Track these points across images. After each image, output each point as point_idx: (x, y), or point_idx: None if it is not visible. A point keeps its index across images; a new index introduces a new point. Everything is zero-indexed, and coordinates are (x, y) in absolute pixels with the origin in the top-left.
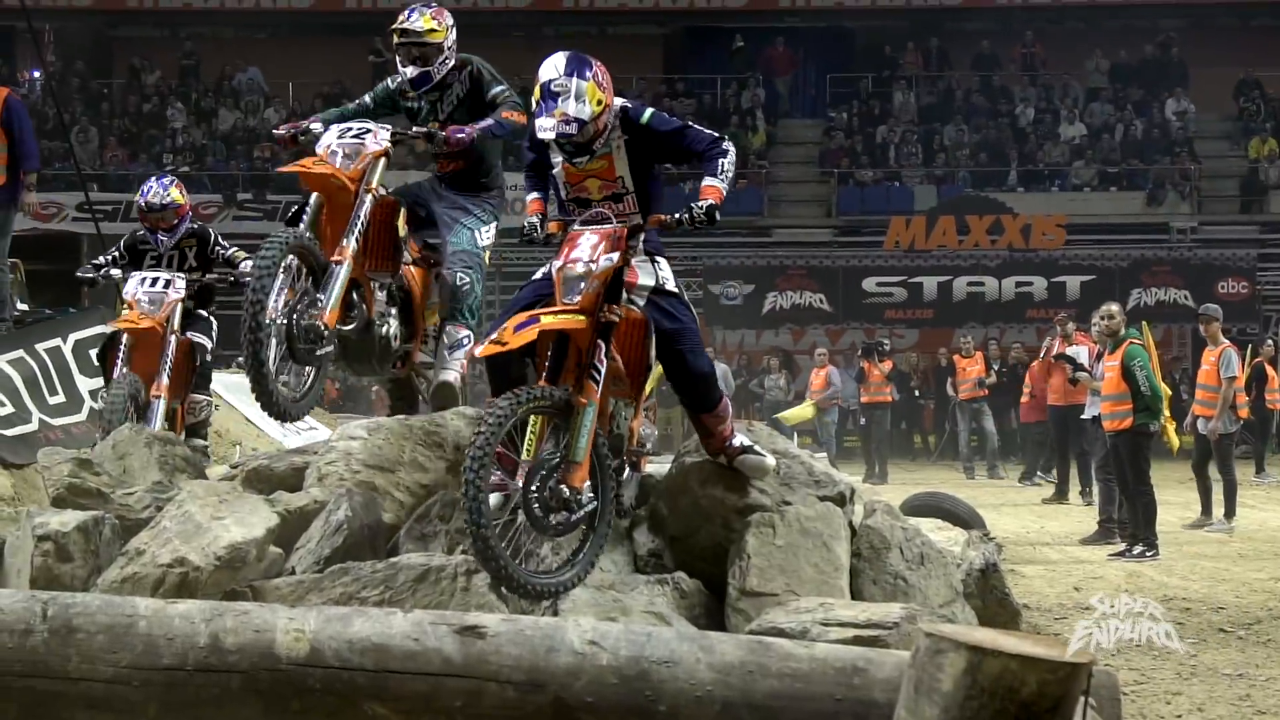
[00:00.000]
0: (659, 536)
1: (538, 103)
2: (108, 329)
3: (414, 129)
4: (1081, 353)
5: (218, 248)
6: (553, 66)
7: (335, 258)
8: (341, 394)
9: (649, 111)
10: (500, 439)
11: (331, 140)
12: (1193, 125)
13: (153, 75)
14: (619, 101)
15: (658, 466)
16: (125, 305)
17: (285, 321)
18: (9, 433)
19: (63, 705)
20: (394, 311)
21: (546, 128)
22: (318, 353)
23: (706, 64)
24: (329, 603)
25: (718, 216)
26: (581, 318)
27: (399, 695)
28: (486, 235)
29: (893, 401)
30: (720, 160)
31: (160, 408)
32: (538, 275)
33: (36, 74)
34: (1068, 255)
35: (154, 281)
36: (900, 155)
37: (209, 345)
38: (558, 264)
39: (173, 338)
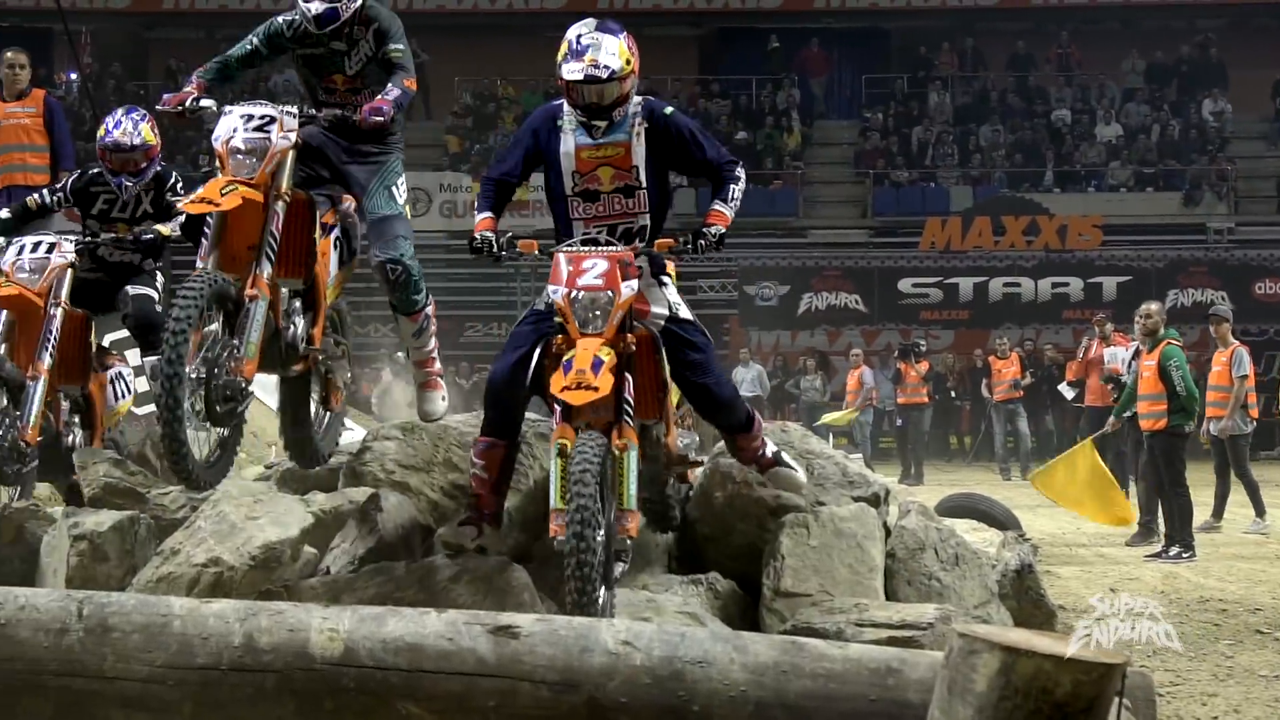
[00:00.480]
0: (693, 537)
1: (564, 58)
2: None
3: (325, 111)
4: (1119, 354)
5: (169, 194)
6: (582, 25)
7: (250, 291)
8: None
9: (670, 108)
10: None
11: (230, 133)
12: (1230, 125)
13: (189, 77)
14: (639, 97)
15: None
16: (3, 277)
17: (204, 379)
18: None
19: (98, 704)
20: (298, 307)
21: (574, 69)
22: (238, 410)
23: (741, 65)
24: (363, 603)
25: (724, 243)
26: (611, 356)
27: (433, 695)
28: (402, 186)
29: (930, 402)
30: (733, 186)
31: (38, 391)
32: (539, 306)
33: (73, 76)
34: (1104, 256)
35: (36, 246)
36: (936, 156)
37: (156, 296)
38: (562, 290)
39: (57, 311)
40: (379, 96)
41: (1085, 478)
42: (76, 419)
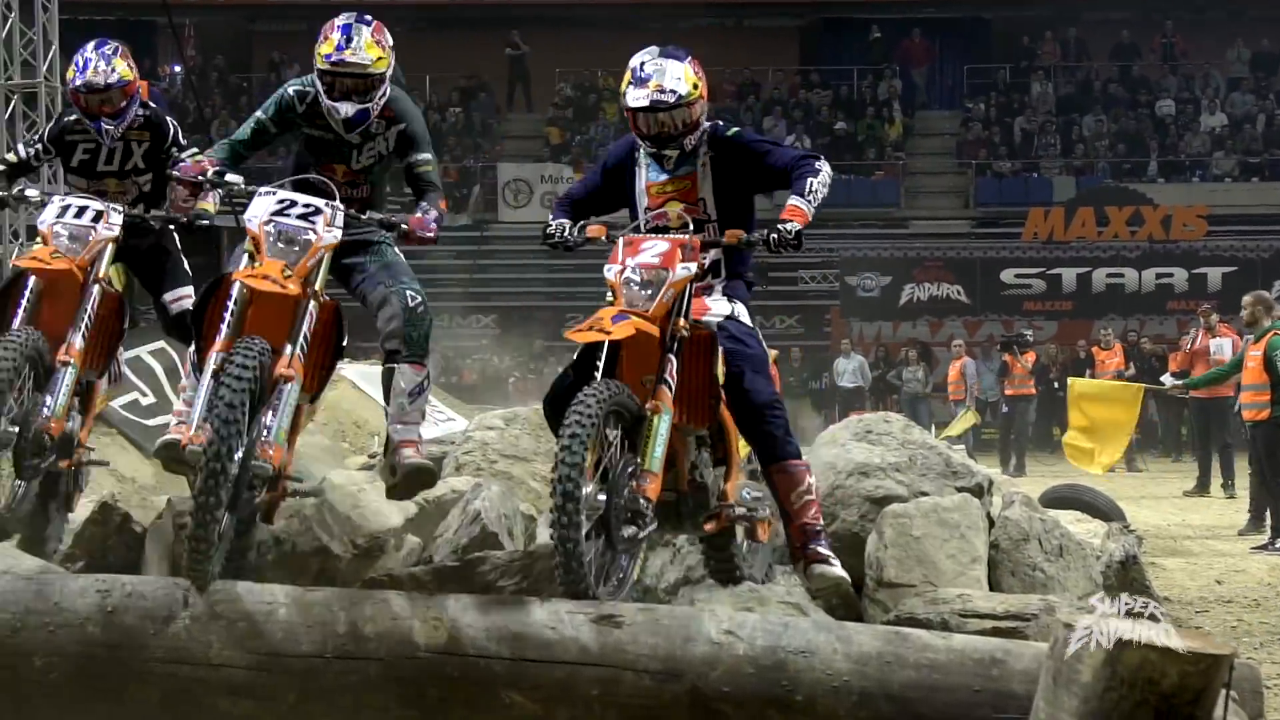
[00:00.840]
0: None
1: (628, 86)
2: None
3: (370, 213)
4: (1225, 345)
5: (174, 148)
6: (645, 53)
7: (284, 372)
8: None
9: (734, 128)
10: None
11: (268, 213)
12: None
13: (292, 69)
14: (706, 123)
15: None
16: (39, 239)
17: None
18: (151, 422)
19: (204, 691)
20: None
21: (640, 97)
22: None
23: (843, 56)
24: (466, 592)
25: (803, 241)
26: (653, 326)
27: (536, 684)
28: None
29: (1036, 394)
30: (810, 179)
31: (68, 378)
32: None
33: (177, 69)
34: (1209, 246)
35: (81, 211)
36: (1039, 146)
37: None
38: (616, 268)
39: (96, 287)
40: (420, 214)
41: (1111, 417)
42: (77, 400)
